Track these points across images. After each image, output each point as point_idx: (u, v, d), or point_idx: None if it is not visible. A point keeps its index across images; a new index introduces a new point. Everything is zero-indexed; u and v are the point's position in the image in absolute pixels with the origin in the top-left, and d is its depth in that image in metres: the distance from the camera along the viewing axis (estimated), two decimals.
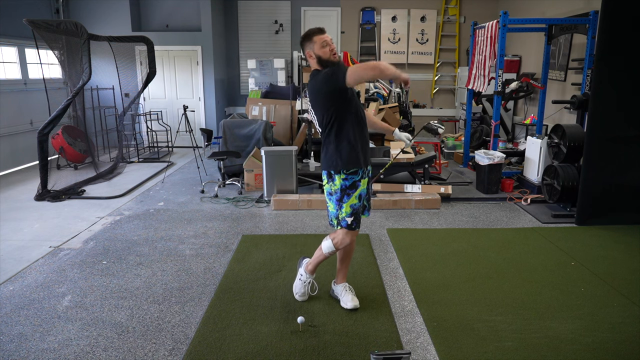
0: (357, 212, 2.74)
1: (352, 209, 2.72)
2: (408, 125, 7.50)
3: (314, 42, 2.66)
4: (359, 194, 2.71)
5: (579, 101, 5.26)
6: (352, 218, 2.73)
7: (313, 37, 2.67)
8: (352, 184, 2.71)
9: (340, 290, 3.03)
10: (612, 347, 2.54)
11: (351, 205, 2.71)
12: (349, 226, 2.74)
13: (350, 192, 2.70)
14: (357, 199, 2.72)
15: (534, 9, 7.53)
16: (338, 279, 3.07)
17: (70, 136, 6.84)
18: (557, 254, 3.82)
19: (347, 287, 3.03)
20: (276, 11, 9.13)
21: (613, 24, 4.15)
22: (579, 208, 4.53)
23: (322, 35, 2.66)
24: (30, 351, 2.55)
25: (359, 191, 2.71)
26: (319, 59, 2.67)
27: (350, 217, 2.72)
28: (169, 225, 4.57)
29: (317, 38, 2.66)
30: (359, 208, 2.74)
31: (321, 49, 2.65)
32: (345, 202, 2.72)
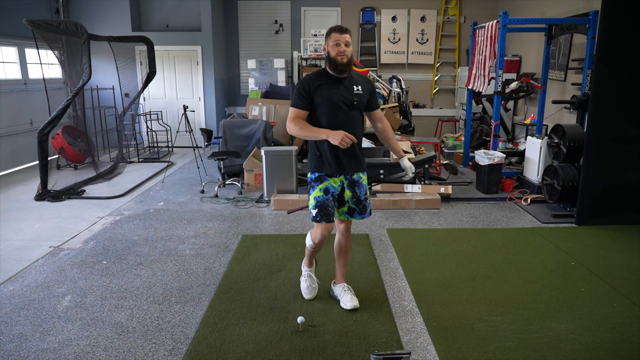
0: (322, 205, 2.76)
1: (315, 201, 2.77)
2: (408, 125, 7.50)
3: (330, 38, 2.73)
4: (324, 187, 2.76)
5: (579, 101, 5.26)
6: (316, 210, 2.77)
7: (331, 34, 2.73)
8: (318, 177, 2.80)
9: (339, 291, 3.04)
10: (612, 347, 2.54)
11: (315, 197, 2.77)
12: (314, 218, 2.79)
13: (314, 185, 2.79)
14: (321, 192, 2.76)
15: (534, 9, 7.53)
16: (337, 279, 3.10)
17: (70, 136, 6.84)
18: (557, 254, 3.82)
19: (346, 287, 3.04)
20: (276, 11, 9.13)
21: (613, 24, 4.15)
22: (579, 208, 4.53)
23: (339, 34, 2.70)
24: (30, 351, 2.55)
25: (324, 185, 2.76)
26: (328, 54, 2.73)
27: (315, 209, 2.78)
28: (169, 225, 4.57)
29: (333, 35, 2.72)
30: (323, 201, 2.76)
31: (333, 46, 2.70)
32: (310, 195, 2.80)
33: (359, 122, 2.83)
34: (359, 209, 2.87)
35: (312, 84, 2.73)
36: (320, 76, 2.77)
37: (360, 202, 2.86)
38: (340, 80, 2.75)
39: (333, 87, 2.73)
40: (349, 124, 2.74)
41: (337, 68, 2.70)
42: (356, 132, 2.76)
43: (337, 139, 2.57)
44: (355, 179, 2.84)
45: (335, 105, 2.72)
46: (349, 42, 2.70)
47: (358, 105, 2.78)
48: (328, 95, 2.71)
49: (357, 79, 2.82)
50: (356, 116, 2.79)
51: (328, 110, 2.72)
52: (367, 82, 2.89)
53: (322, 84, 2.73)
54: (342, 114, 2.73)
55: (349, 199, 2.84)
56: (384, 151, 5.64)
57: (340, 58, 2.68)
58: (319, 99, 2.71)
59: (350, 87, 2.76)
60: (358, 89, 2.78)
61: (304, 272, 3.16)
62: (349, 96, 2.74)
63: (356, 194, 2.85)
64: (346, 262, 3.07)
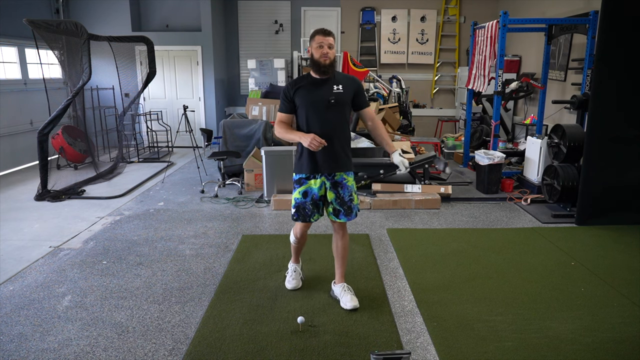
0: (299, 207, 2.90)
1: (295, 202, 2.92)
2: (408, 125, 7.50)
3: (314, 40, 2.81)
4: (304, 190, 2.88)
5: (579, 101, 5.26)
6: (295, 210, 2.93)
7: (315, 35, 2.82)
8: (298, 179, 2.91)
9: (339, 291, 3.06)
10: (612, 347, 2.54)
11: (295, 198, 2.92)
12: (292, 217, 2.97)
13: (296, 187, 2.92)
14: (300, 195, 2.89)
15: (534, 9, 7.53)
16: (336, 280, 3.12)
17: (70, 136, 6.84)
18: (557, 254, 3.82)
19: (345, 287, 3.05)
20: (276, 11, 9.13)
21: (613, 24, 4.15)
22: (579, 208, 4.53)
23: (322, 37, 2.79)
24: (30, 351, 2.55)
25: (304, 188, 2.88)
26: (312, 56, 2.82)
27: (294, 208, 2.94)
28: (169, 225, 4.57)
29: (317, 37, 2.80)
30: (301, 203, 2.89)
31: (316, 48, 2.79)
32: (292, 194, 2.95)
33: (339, 122, 2.86)
34: (343, 210, 2.90)
35: (292, 88, 2.84)
36: (301, 79, 2.88)
37: (344, 203, 2.89)
38: (322, 81, 2.82)
39: (312, 89, 2.82)
40: (327, 124, 2.81)
41: (320, 69, 2.79)
42: (335, 133, 2.82)
43: (306, 142, 2.68)
44: (337, 180, 2.88)
45: (311, 106, 2.81)
46: (332, 44, 2.79)
47: (336, 104, 2.81)
48: (305, 97, 2.81)
49: (340, 78, 2.87)
50: (335, 115, 2.83)
51: (305, 111, 2.82)
52: (352, 81, 2.93)
53: (302, 87, 2.83)
54: (318, 114, 2.80)
55: (332, 200, 2.89)
56: (384, 151, 5.64)
57: (324, 60, 2.77)
58: (299, 101, 2.83)
59: (329, 88, 2.81)
60: (338, 88, 2.82)
61: (289, 267, 3.31)
62: (326, 96, 2.79)
63: (340, 195, 2.88)
64: (345, 262, 3.08)
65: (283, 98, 2.88)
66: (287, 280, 3.26)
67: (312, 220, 2.93)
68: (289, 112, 2.88)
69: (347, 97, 2.87)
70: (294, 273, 3.27)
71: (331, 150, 2.81)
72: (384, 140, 3.01)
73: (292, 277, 3.26)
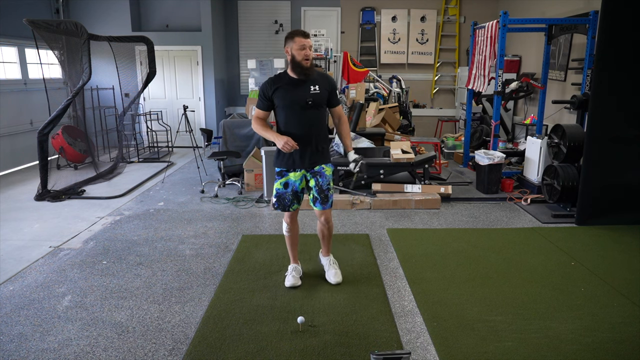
0: (280, 197, 3.10)
1: (276, 192, 3.12)
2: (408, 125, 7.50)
3: (295, 42, 2.89)
4: (285, 181, 3.07)
5: (579, 101, 5.26)
6: (275, 199, 3.13)
7: (295, 37, 2.89)
8: (279, 171, 3.11)
9: (325, 263, 3.39)
10: (612, 347, 2.54)
11: (276, 188, 3.11)
12: (273, 205, 3.17)
13: (277, 178, 3.11)
14: (281, 185, 3.08)
15: (534, 9, 7.53)
16: (323, 252, 3.42)
17: (70, 136, 6.84)
18: (557, 254, 3.82)
19: (332, 260, 3.37)
20: (276, 11, 9.13)
21: (613, 24, 4.15)
22: (579, 208, 4.53)
23: (303, 39, 2.88)
24: (30, 351, 2.55)
25: (284, 179, 3.07)
26: (293, 58, 2.90)
27: (274, 198, 3.14)
28: (169, 225, 4.57)
29: (298, 39, 2.88)
30: (282, 194, 3.09)
31: (298, 50, 2.88)
32: (274, 185, 3.13)
33: (317, 120, 3.03)
34: (320, 198, 3.08)
35: (270, 88, 2.97)
36: (279, 79, 2.99)
37: (322, 191, 3.08)
38: (300, 81, 2.94)
39: (290, 89, 2.95)
40: (305, 123, 2.98)
41: (303, 72, 2.90)
42: (312, 131, 3.00)
43: (280, 143, 2.88)
44: (316, 169, 3.07)
45: (290, 106, 2.95)
46: (312, 45, 2.93)
47: (314, 105, 2.96)
48: (284, 97, 2.95)
49: (317, 78, 2.99)
50: (313, 115, 2.99)
51: (284, 111, 2.98)
52: (327, 81, 3.06)
53: (280, 87, 2.95)
54: (297, 114, 2.96)
55: (313, 187, 3.09)
56: (384, 151, 5.64)
57: (306, 62, 2.89)
58: (277, 101, 2.97)
59: (307, 88, 2.95)
60: (315, 88, 2.96)
61: (289, 268, 3.37)
62: (304, 96, 2.93)
63: (318, 183, 3.07)
64: (329, 240, 3.35)
65: (262, 96, 3.01)
66: (287, 278, 3.29)
67: (292, 209, 3.13)
68: (266, 110, 3.04)
69: (323, 97, 3.01)
70: (294, 272, 3.32)
71: (309, 147, 3.00)
72: (343, 138, 3.21)
73: (291, 275, 3.30)
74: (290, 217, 3.19)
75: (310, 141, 3.00)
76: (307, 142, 2.99)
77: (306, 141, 2.98)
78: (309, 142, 2.99)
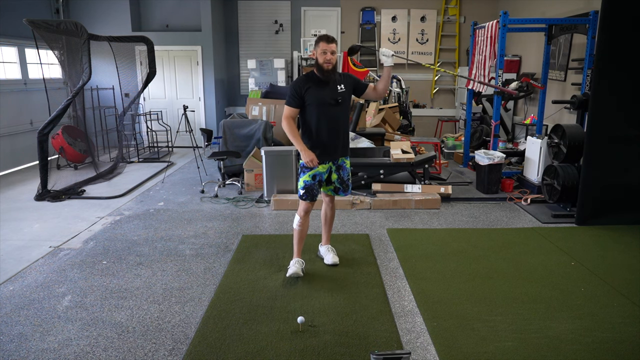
0: (309, 188, 3.30)
1: (304, 184, 3.31)
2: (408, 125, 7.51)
3: (319, 46, 3.18)
4: (313, 174, 3.28)
5: (579, 101, 5.26)
6: (304, 191, 3.32)
7: (320, 42, 3.18)
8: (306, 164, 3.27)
9: (324, 250, 3.65)
10: (612, 347, 2.54)
11: (304, 180, 3.30)
12: (301, 197, 3.34)
13: (305, 170, 3.29)
14: (310, 177, 3.28)
15: (534, 9, 7.53)
16: (323, 241, 3.69)
17: (70, 136, 6.84)
18: (557, 254, 3.82)
19: (330, 248, 3.64)
20: (276, 11, 9.13)
21: (613, 24, 4.15)
22: (579, 208, 4.53)
23: (327, 44, 3.15)
24: (30, 351, 2.55)
25: (313, 172, 3.27)
26: (316, 60, 3.21)
27: (302, 190, 3.32)
28: (169, 225, 4.57)
29: (322, 44, 3.17)
30: (311, 185, 3.29)
31: (321, 54, 3.16)
32: (301, 178, 3.33)
33: (344, 116, 3.33)
34: (342, 187, 3.44)
35: (303, 86, 3.20)
36: (309, 79, 3.23)
37: (344, 182, 3.43)
38: (327, 81, 3.19)
39: (320, 89, 3.20)
40: (334, 119, 3.26)
41: (324, 74, 3.17)
42: (340, 126, 3.30)
43: (305, 158, 3.19)
44: (340, 163, 3.38)
45: (323, 104, 3.20)
46: (335, 51, 3.16)
47: (342, 102, 3.25)
48: (316, 96, 3.19)
49: (340, 78, 3.26)
50: (341, 111, 3.29)
51: (317, 108, 3.21)
52: (349, 78, 3.35)
53: (311, 86, 3.20)
54: (328, 110, 3.22)
55: (335, 180, 3.39)
56: (384, 151, 5.64)
57: (327, 65, 3.15)
58: (309, 99, 3.20)
59: (335, 88, 3.22)
60: (341, 87, 3.25)
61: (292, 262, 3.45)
62: (334, 95, 3.22)
63: (341, 176, 3.40)
64: (331, 228, 3.67)
65: (293, 93, 3.20)
66: (289, 269, 3.37)
67: (316, 198, 3.37)
68: (298, 107, 3.23)
69: (349, 94, 3.33)
70: (297, 263, 3.41)
71: (337, 141, 3.29)
72: (382, 79, 3.42)
73: (294, 264, 3.39)
74: (307, 210, 3.37)
75: (339, 135, 3.28)
76: (336, 136, 3.27)
77: (335, 135, 3.27)
78: (338, 136, 3.28)
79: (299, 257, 3.46)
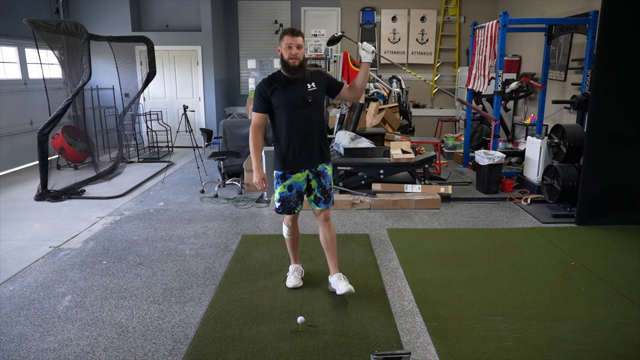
0: (284, 200, 3.01)
1: (279, 196, 3.02)
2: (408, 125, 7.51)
3: (283, 40, 2.85)
4: (289, 184, 2.98)
5: (579, 101, 5.26)
6: (279, 204, 3.03)
7: (284, 36, 2.85)
8: (282, 174, 3.01)
9: (334, 281, 3.11)
10: (612, 347, 2.54)
11: (279, 192, 3.02)
12: (277, 210, 3.05)
13: (280, 182, 3.01)
14: (285, 189, 2.99)
15: (534, 9, 7.53)
16: (331, 271, 3.17)
17: (70, 136, 6.84)
18: (557, 254, 3.82)
19: (341, 276, 3.10)
20: (276, 11, 9.14)
21: (613, 24, 4.15)
22: (579, 208, 4.53)
23: (290, 37, 2.82)
24: (30, 351, 2.55)
25: (289, 182, 2.98)
26: (281, 57, 2.88)
27: (278, 202, 3.04)
28: (169, 225, 4.57)
29: (287, 37, 2.84)
30: (286, 197, 3.00)
31: (285, 49, 2.83)
32: (276, 190, 3.04)
33: (317, 119, 2.97)
34: (324, 198, 3.04)
35: (267, 88, 2.88)
36: (275, 78, 2.91)
37: (325, 191, 3.04)
38: (294, 80, 2.88)
39: (288, 89, 2.88)
40: (306, 122, 2.92)
41: (290, 70, 2.85)
42: (314, 129, 2.95)
43: (255, 178, 2.96)
44: (320, 170, 3.02)
45: (291, 105, 2.88)
46: (301, 44, 2.83)
47: (313, 102, 2.90)
48: (284, 97, 2.87)
49: (311, 76, 2.94)
50: (313, 112, 2.94)
51: (285, 111, 2.89)
52: (321, 75, 3.00)
53: (277, 87, 2.88)
54: (298, 112, 2.89)
55: (315, 188, 3.02)
56: (384, 151, 5.64)
57: (293, 61, 2.82)
58: (276, 101, 2.88)
59: (303, 86, 2.89)
60: (312, 86, 2.91)
61: (290, 268, 3.34)
62: (303, 95, 2.88)
63: (321, 184, 3.02)
64: (335, 252, 3.15)
65: (258, 97, 2.91)
66: (288, 279, 3.28)
67: (297, 211, 3.06)
68: (264, 112, 2.94)
69: (322, 93, 2.98)
70: (295, 272, 3.30)
71: (312, 146, 2.95)
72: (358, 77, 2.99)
73: (292, 275, 3.28)
74: (292, 220, 3.12)
75: (313, 140, 2.95)
76: (310, 141, 2.94)
77: (308, 140, 2.93)
78: (312, 142, 2.94)
79: (296, 264, 3.35)
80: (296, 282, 3.24)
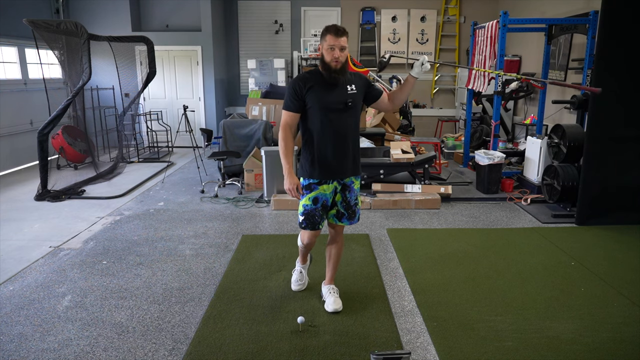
0: (309, 214, 2.73)
1: (303, 209, 2.75)
2: (408, 125, 7.51)
3: (326, 40, 2.59)
4: (314, 196, 2.71)
5: (579, 101, 5.26)
6: (303, 217, 2.76)
7: (326, 35, 2.59)
8: (308, 184, 2.73)
9: (325, 292, 3.03)
10: (612, 347, 2.54)
11: (303, 205, 2.74)
12: (300, 225, 2.80)
13: (305, 192, 2.74)
14: (310, 201, 2.72)
15: (534, 9, 7.53)
16: (326, 280, 3.10)
17: (70, 136, 6.84)
18: (557, 254, 3.82)
19: (332, 289, 3.01)
20: (276, 11, 9.13)
21: (613, 24, 4.15)
22: (579, 208, 4.53)
23: (334, 37, 2.56)
24: (30, 351, 2.55)
25: (314, 194, 2.71)
26: (322, 58, 2.63)
27: (302, 216, 2.76)
28: (169, 225, 4.57)
29: (330, 37, 2.57)
30: (311, 211, 2.73)
31: (327, 50, 2.58)
32: (300, 201, 2.77)
33: (353, 123, 2.73)
34: (347, 214, 2.81)
35: (304, 86, 2.62)
36: (312, 76, 2.66)
37: (349, 207, 2.80)
38: (335, 79, 2.62)
39: (326, 89, 2.63)
40: (343, 127, 2.67)
41: (331, 74, 2.59)
42: (350, 135, 2.70)
43: (286, 184, 2.63)
44: (347, 183, 2.77)
45: (328, 108, 2.62)
46: (345, 46, 2.57)
47: (352, 106, 2.67)
48: (320, 98, 2.61)
49: (351, 78, 2.71)
50: (350, 117, 2.69)
51: (320, 113, 2.63)
52: (361, 78, 2.78)
53: (314, 85, 2.62)
54: (335, 117, 2.64)
55: (339, 203, 2.79)
56: (384, 151, 5.64)
57: (335, 65, 2.57)
58: (311, 101, 2.62)
59: (344, 88, 2.65)
60: (352, 88, 2.67)
61: (297, 267, 3.24)
62: (343, 98, 2.63)
63: (346, 199, 2.78)
64: (336, 266, 3.03)
65: (292, 95, 2.63)
66: (293, 282, 3.22)
67: (320, 227, 2.80)
68: (297, 111, 2.65)
69: (360, 97, 2.75)
70: (300, 275, 3.20)
71: (346, 154, 2.69)
72: (402, 88, 2.83)
73: (298, 278, 3.19)
74: (313, 237, 2.83)
75: (348, 148, 2.69)
76: (344, 149, 2.67)
77: (343, 148, 2.67)
78: (347, 150, 2.68)
79: (303, 263, 3.19)
80: (301, 286, 3.19)
